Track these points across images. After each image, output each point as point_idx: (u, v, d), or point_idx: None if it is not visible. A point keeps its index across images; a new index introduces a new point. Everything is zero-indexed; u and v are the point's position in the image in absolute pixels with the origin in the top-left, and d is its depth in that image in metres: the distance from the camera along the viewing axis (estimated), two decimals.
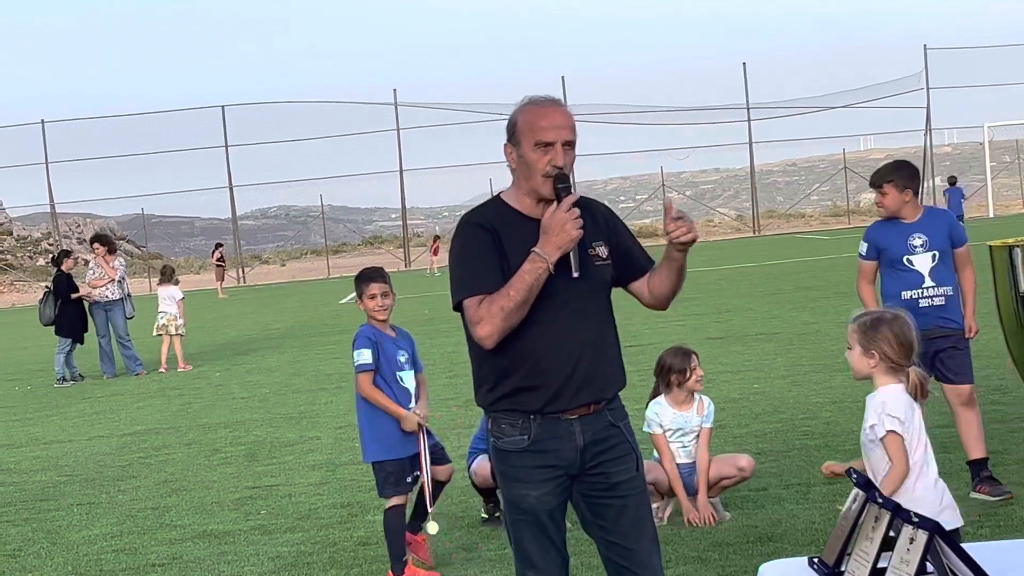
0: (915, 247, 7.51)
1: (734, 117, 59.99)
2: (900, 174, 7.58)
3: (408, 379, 7.05)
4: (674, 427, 7.82)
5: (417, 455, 6.99)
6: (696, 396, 7.93)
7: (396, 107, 57.07)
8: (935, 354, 7.57)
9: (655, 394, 8.02)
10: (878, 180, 7.63)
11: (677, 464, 7.79)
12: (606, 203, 4.62)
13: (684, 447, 7.82)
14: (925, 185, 50.70)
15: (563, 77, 57.32)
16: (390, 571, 7.02)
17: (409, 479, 6.98)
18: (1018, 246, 7.29)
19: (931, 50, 58.49)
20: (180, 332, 19.95)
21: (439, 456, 7.20)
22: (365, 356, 6.91)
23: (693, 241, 4.22)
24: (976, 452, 7.67)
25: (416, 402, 7.03)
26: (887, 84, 60.79)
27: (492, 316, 4.12)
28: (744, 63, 58.82)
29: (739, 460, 7.85)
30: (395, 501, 6.97)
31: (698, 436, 7.83)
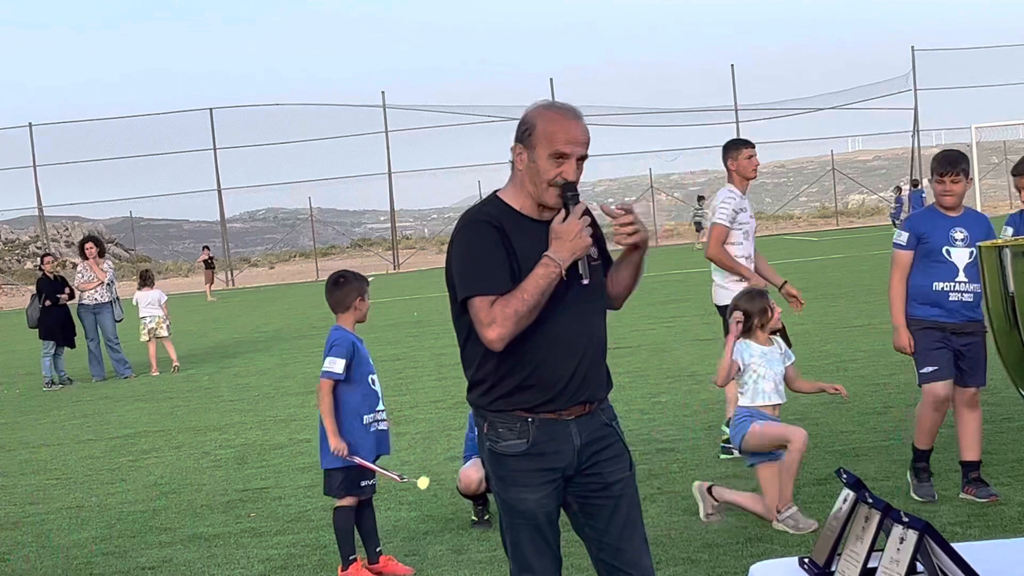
0: (956, 240, 7.38)
1: (722, 119, 60.06)
2: (968, 163, 7.47)
3: (378, 382, 7.21)
4: (762, 361, 7.49)
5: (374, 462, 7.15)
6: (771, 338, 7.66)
7: (384, 109, 57.02)
8: (957, 353, 7.51)
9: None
10: (951, 168, 7.37)
11: (765, 407, 7.49)
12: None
13: (770, 381, 7.50)
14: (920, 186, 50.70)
15: (551, 79, 57.35)
16: (339, 568, 7.13)
17: (363, 483, 7.09)
18: (1007, 246, 7.29)
19: (919, 51, 58.62)
20: (169, 332, 20.08)
21: None
22: (339, 366, 6.99)
23: (642, 241, 4.31)
24: (971, 454, 7.66)
25: (382, 406, 7.20)
26: (875, 85, 60.89)
27: (505, 319, 4.11)
28: (732, 64, 58.88)
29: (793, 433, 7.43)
30: (344, 502, 7.09)
31: (783, 375, 7.55)
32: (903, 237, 7.60)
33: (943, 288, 7.42)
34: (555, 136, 4.18)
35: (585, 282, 4.23)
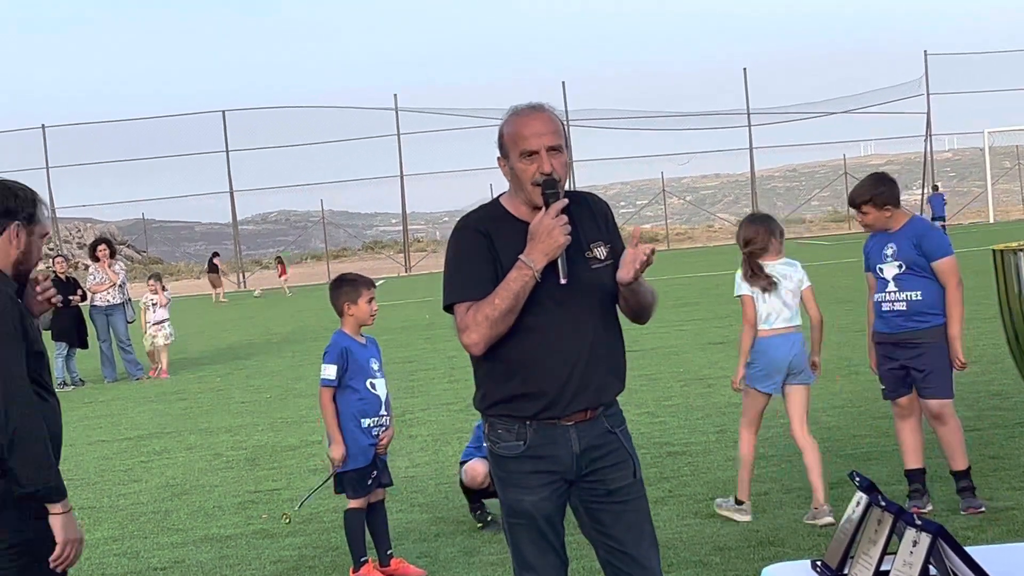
0: (886, 256, 7.54)
1: (735, 122, 60.06)
2: (878, 192, 7.53)
3: (380, 386, 7.12)
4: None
5: (375, 461, 7.15)
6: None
7: (397, 112, 57.13)
8: (907, 368, 7.52)
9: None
10: (857, 200, 7.60)
11: (779, 328, 7.69)
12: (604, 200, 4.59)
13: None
14: (925, 190, 50.77)
15: (563, 82, 57.50)
16: (351, 570, 7.16)
17: (369, 481, 7.11)
18: (1020, 250, 7.30)
19: (931, 56, 58.57)
20: (170, 339, 19.99)
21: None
22: (330, 372, 6.97)
23: (633, 278, 4.20)
24: (955, 464, 7.60)
25: (386, 410, 7.14)
26: (887, 90, 60.89)
27: (478, 324, 4.13)
28: (745, 68, 58.88)
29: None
30: (354, 504, 7.10)
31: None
32: (864, 261, 7.83)
33: (877, 299, 7.62)
34: (518, 135, 4.22)
35: (563, 282, 4.16)
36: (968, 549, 2.99)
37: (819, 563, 3.41)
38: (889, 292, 7.52)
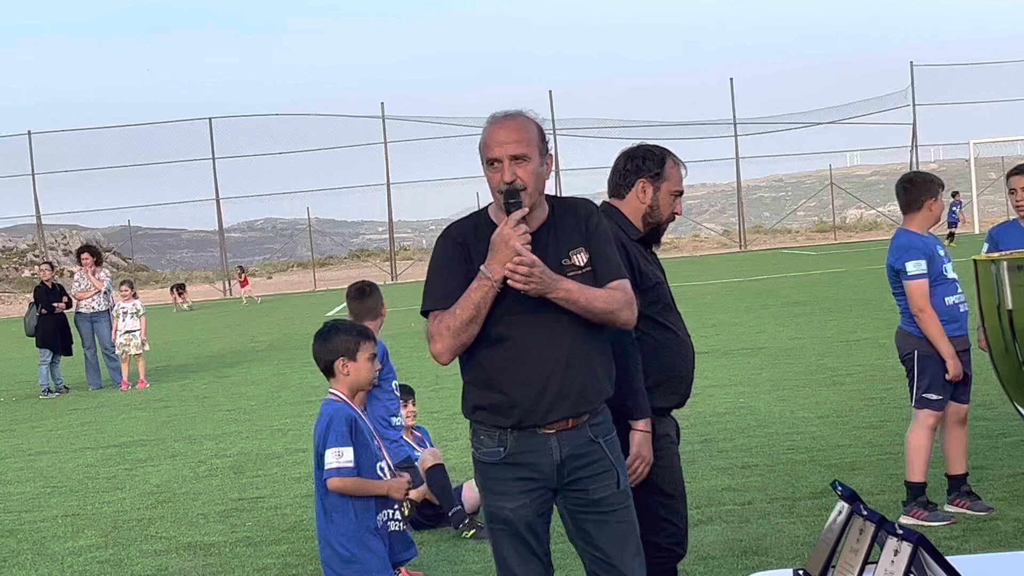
0: (943, 256, 7.46)
1: (721, 132, 60.11)
2: None
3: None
4: None
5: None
6: None
7: (383, 120, 57.09)
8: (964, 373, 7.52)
9: None
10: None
11: None
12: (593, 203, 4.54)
13: None
14: None
15: (550, 92, 57.48)
16: None
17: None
18: (1003, 260, 7.30)
19: (917, 67, 58.74)
20: (144, 349, 19.71)
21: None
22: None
23: (535, 293, 4.12)
24: (958, 467, 7.69)
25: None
26: (874, 100, 60.96)
27: (441, 335, 4.19)
28: (731, 78, 58.95)
29: None
30: None
31: None
32: (923, 265, 7.42)
33: (954, 302, 7.44)
34: (484, 145, 4.26)
35: (524, 290, 4.12)
36: (950, 559, 3.00)
37: (801, 572, 3.42)
38: (960, 294, 7.47)
